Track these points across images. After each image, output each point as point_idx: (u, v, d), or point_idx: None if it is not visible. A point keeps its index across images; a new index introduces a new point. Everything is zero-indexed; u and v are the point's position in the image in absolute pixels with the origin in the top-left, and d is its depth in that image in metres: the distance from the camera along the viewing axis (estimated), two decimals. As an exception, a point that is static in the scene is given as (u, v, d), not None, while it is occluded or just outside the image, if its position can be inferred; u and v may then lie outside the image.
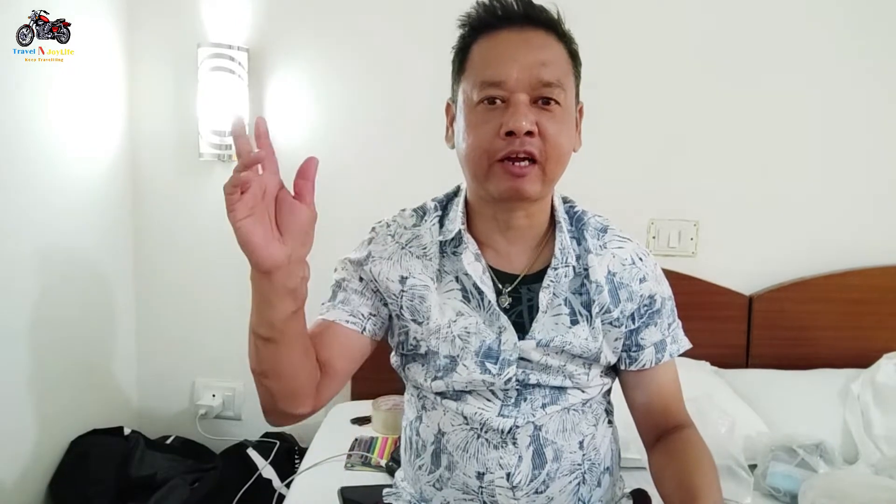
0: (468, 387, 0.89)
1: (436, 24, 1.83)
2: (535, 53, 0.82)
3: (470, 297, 0.90)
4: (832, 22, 1.82)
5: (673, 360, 0.96)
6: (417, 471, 0.95)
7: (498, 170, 0.83)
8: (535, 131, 0.81)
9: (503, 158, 0.82)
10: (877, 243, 1.88)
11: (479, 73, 0.84)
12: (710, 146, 1.87)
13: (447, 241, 0.92)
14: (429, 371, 0.91)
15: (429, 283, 0.91)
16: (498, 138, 0.81)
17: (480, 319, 0.89)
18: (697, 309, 1.27)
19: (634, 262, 0.94)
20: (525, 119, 0.80)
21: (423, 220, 0.95)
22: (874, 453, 1.50)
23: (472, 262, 0.90)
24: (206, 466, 1.70)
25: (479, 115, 0.83)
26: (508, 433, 0.88)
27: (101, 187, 1.77)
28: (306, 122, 1.88)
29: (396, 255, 0.93)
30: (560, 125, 0.83)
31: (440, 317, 0.89)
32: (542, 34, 0.84)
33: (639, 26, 1.83)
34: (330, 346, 0.90)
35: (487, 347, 0.88)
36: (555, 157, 0.83)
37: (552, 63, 0.83)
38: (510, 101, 0.81)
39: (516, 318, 0.90)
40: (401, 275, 0.92)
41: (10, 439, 1.48)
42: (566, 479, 0.90)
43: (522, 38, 0.83)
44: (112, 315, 1.84)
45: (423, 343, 0.91)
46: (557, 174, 0.86)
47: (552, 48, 0.84)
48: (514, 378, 0.88)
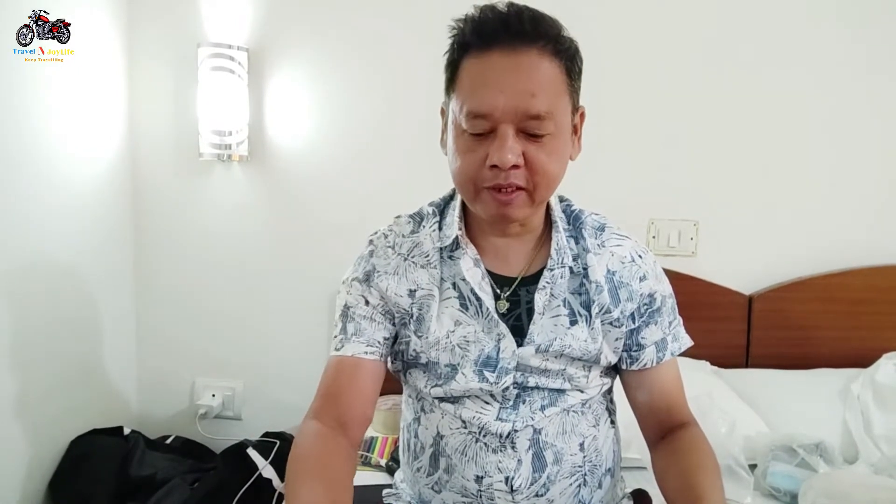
0: (466, 393, 0.89)
1: (436, 24, 1.83)
2: (523, 82, 0.77)
3: (468, 304, 0.89)
4: (832, 23, 1.82)
5: (674, 358, 0.96)
6: (416, 473, 0.95)
7: (486, 196, 0.82)
8: (522, 164, 0.79)
9: (490, 187, 0.81)
10: (877, 243, 1.88)
11: (466, 99, 0.80)
12: (711, 146, 1.87)
13: (445, 246, 0.91)
14: (430, 378, 0.91)
15: (434, 291, 0.89)
16: (484, 168, 0.80)
17: (479, 327, 0.88)
18: (697, 309, 1.26)
19: (634, 260, 0.93)
20: (511, 153, 0.77)
21: (421, 226, 0.93)
22: (874, 453, 1.50)
23: (470, 268, 0.89)
24: (206, 466, 1.70)
25: (466, 143, 0.82)
26: (507, 437, 0.87)
27: (101, 187, 1.77)
28: (306, 122, 1.88)
29: (401, 269, 0.91)
30: (549, 153, 0.80)
31: (438, 328, 0.88)
32: (535, 54, 0.78)
33: (639, 26, 1.83)
34: (360, 393, 0.88)
35: (486, 356, 0.87)
36: (543, 184, 0.82)
37: (542, 91, 0.78)
38: (497, 131, 0.79)
39: (514, 322, 0.89)
40: (409, 288, 0.90)
41: (10, 439, 1.48)
42: (567, 481, 0.89)
43: (512, 64, 0.78)
44: (112, 315, 1.84)
45: (423, 354, 0.90)
46: (547, 197, 0.85)
47: (544, 71, 0.79)
48: (513, 383, 0.88)
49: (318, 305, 1.92)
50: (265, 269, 1.93)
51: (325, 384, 0.89)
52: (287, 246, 1.92)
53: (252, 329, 1.95)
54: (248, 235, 1.92)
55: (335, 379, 0.88)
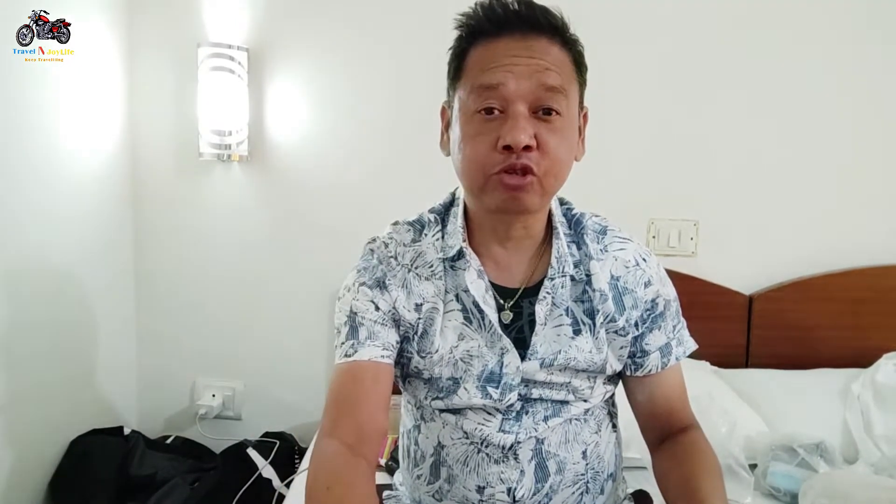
0: (468, 406, 0.87)
1: (436, 24, 1.83)
2: (536, 59, 0.78)
3: (471, 317, 0.87)
4: (831, 23, 1.82)
5: (678, 362, 0.94)
6: (416, 480, 0.93)
7: (495, 182, 0.79)
8: (534, 145, 0.77)
9: (500, 171, 0.78)
10: (877, 243, 1.88)
11: (475, 78, 0.79)
12: (711, 146, 1.86)
13: (448, 256, 0.89)
14: (431, 390, 0.89)
15: (439, 305, 0.87)
16: (495, 151, 0.78)
17: (482, 342, 0.86)
18: (697, 309, 1.26)
19: (638, 264, 0.91)
20: (524, 133, 0.76)
21: (423, 234, 0.91)
22: (874, 453, 1.50)
23: (474, 281, 0.87)
24: (206, 466, 1.70)
25: (476, 126, 0.79)
26: (510, 448, 0.86)
27: (101, 187, 1.77)
28: (306, 122, 1.88)
29: (407, 282, 0.88)
30: (560, 138, 0.79)
31: (443, 344, 0.86)
32: (545, 41, 0.79)
33: (639, 26, 1.83)
34: (380, 399, 0.84)
35: (490, 372, 0.86)
36: (553, 171, 0.79)
37: (554, 69, 0.78)
38: (508, 111, 0.77)
39: (517, 335, 0.87)
40: (416, 303, 0.87)
41: (10, 439, 1.48)
42: (569, 490, 0.88)
43: (524, 45, 0.78)
44: (112, 314, 1.84)
45: (425, 371, 0.88)
46: (556, 188, 0.83)
47: (555, 55, 0.79)
48: (517, 399, 0.86)
49: (318, 305, 1.92)
50: (265, 269, 1.93)
51: (339, 394, 0.84)
52: (287, 245, 1.92)
53: (252, 329, 1.95)
54: (248, 235, 1.92)
55: (351, 387, 0.83)
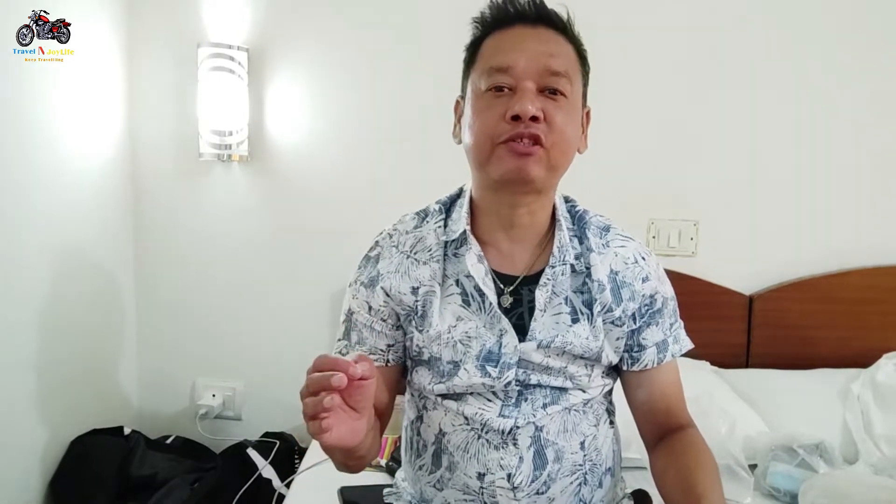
0: (469, 389, 0.89)
1: (436, 24, 1.84)
2: (544, 45, 0.84)
3: (470, 300, 0.90)
4: (830, 24, 1.82)
5: (675, 360, 0.96)
6: (418, 471, 0.95)
7: (501, 151, 0.83)
8: (541, 117, 0.81)
9: (507, 140, 0.82)
10: (877, 243, 1.88)
11: (487, 61, 0.86)
12: (711, 146, 1.86)
13: (450, 241, 0.92)
14: (433, 375, 0.91)
15: (436, 288, 0.90)
16: (503, 122, 0.82)
17: (480, 323, 0.89)
18: (697, 309, 1.26)
19: (637, 262, 0.94)
20: (532, 104, 0.81)
21: (426, 221, 0.95)
22: (874, 453, 1.50)
23: (475, 264, 0.89)
24: (206, 466, 1.70)
25: (486, 101, 0.84)
26: (509, 434, 0.88)
27: (101, 187, 1.77)
28: (306, 123, 1.88)
29: (404, 266, 0.92)
30: (567, 116, 0.84)
31: (440, 323, 0.89)
32: (553, 33, 0.86)
33: (640, 26, 1.83)
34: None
35: (488, 351, 0.88)
36: (560, 145, 0.83)
37: (561, 55, 0.85)
38: (517, 88, 0.82)
39: (517, 320, 0.89)
40: (412, 286, 0.91)
41: (10, 439, 1.48)
42: (567, 479, 0.90)
43: (534, 33, 0.85)
44: (112, 315, 1.84)
45: (425, 350, 0.91)
46: (561, 164, 0.86)
47: (562, 45, 0.86)
48: (515, 380, 0.88)
49: (318, 305, 1.92)
50: (265, 269, 1.93)
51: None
52: (287, 245, 1.92)
53: (252, 329, 1.95)
54: (249, 235, 1.92)
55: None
